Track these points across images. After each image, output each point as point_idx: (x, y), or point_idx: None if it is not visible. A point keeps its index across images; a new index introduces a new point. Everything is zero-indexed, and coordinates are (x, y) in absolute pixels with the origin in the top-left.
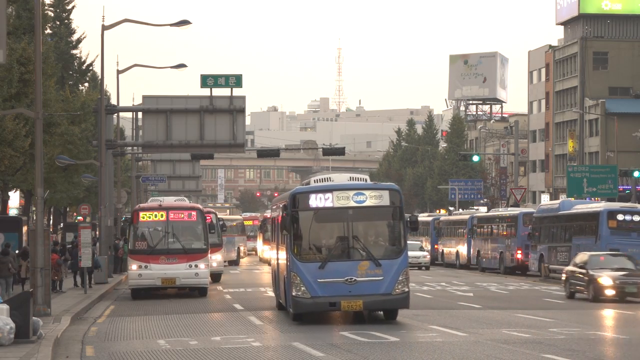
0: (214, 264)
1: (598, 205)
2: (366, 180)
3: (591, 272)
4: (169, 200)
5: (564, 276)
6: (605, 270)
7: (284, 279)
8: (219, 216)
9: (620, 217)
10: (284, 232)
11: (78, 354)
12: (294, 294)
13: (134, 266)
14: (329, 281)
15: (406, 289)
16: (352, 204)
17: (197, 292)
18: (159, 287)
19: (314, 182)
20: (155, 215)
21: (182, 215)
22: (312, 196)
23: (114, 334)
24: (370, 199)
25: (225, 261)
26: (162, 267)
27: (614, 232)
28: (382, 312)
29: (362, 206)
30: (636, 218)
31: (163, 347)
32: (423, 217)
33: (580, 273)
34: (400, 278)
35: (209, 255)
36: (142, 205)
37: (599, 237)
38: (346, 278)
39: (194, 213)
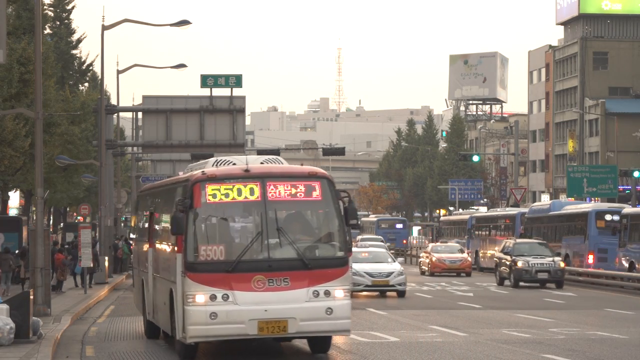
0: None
1: (587, 206)
2: None
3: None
4: (254, 161)
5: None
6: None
7: None
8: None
9: (608, 217)
10: None
11: (78, 354)
12: None
13: (199, 297)
14: None
15: None
16: None
17: (313, 342)
18: (252, 339)
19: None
20: (239, 191)
21: (295, 191)
22: None
23: (114, 334)
24: None
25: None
26: (257, 297)
27: (602, 231)
28: None
29: None
30: None
31: (163, 347)
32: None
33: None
34: None
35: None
36: (208, 170)
37: (587, 237)
38: None
39: (316, 184)
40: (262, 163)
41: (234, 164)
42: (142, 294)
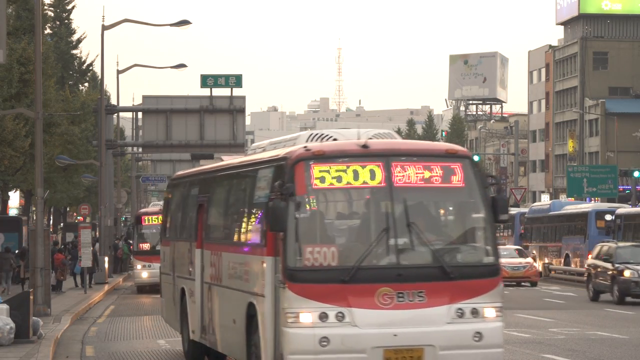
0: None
1: (587, 206)
2: None
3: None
4: (363, 135)
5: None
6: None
7: None
8: None
9: (608, 217)
10: None
11: (78, 354)
12: None
13: (304, 315)
14: None
15: None
16: None
17: None
18: None
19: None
20: (356, 174)
21: (429, 174)
22: None
23: (114, 334)
24: None
25: None
26: (383, 317)
27: (602, 231)
28: None
29: None
30: None
31: (163, 347)
32: None
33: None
34: None
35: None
36: (314, 146)
37: (587, 237)
38: None
39: (456, 167)
40: (370, 139)
41: (335, 139)
42: (179, 307)
